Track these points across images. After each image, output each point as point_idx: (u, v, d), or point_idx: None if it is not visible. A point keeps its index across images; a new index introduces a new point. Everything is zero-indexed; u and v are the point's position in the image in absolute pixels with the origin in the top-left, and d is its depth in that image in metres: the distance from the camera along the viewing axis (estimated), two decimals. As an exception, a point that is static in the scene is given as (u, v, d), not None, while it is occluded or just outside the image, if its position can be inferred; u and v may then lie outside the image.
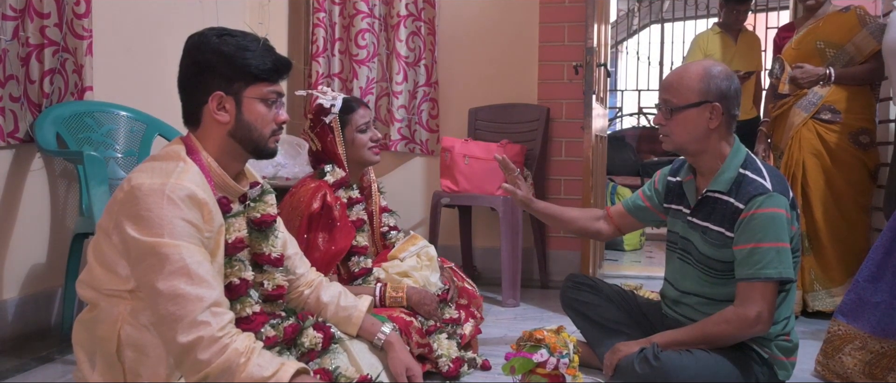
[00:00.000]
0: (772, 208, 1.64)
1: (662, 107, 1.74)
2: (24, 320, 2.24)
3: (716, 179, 1.72)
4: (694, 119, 1.69)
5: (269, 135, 1.40)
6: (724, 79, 1.70)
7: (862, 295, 1.88)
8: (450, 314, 1.99)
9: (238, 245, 1.41)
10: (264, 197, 1.50)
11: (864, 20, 2.63)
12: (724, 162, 1.72)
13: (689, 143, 1.73)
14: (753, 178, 1.68)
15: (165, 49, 2.80)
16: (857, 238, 2.68)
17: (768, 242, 1.63)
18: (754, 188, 1.66)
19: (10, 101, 2.13)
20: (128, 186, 1.25)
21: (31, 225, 2.26)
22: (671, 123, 1.72)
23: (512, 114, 3.30)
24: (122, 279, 1.26)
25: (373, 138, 2.03)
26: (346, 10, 3.38)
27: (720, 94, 1.69)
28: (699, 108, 1.69)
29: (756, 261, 1.63)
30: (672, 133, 1.73)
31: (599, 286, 2.03)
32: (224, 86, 1.34)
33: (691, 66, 1.76)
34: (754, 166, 1.72)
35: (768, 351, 1.73)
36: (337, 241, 1.88)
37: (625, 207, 2.01)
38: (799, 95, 2.72)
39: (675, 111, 1.70)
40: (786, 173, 2.72)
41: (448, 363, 1.87)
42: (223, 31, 1.36)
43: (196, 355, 1.19)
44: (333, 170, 1.96)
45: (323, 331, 1.56)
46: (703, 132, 1.70)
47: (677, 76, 1.74)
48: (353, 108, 2.01)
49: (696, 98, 1.69)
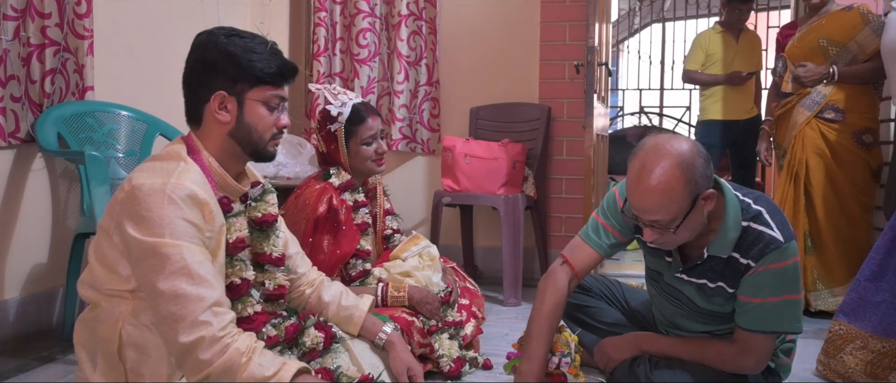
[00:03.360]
0: (787, 261, 1.49)
1: (656, 227, 1.47)
2: (25, 320, 2.24)
3: (718, 244, 1.53)
4: (693, 220, 1.47)
5: (268, 138, 1.39)
6: (697, 155, 1.44)
7: (863, 294, 1.88)
8: (452, 316, 1.98)
9: (239, 245, 1.41)
10: (265, 196, 1.50)
11: (867, 18, 2.62)
12: (722, 223, 1.51)
13: (693, 236, 1.53)
14: (761, 231, 1.49)
15: (166, 49, 2.80)
16: (859, 237, 2.67)
17: (782, 296, 1.50)
18: (765, 244, 1.49)
19: (11, 101, 2.13)
20: (128, 186, 1.25)
21: (32, 225, 2.26)
22: (673, 236, 1.48)
23: (513, 113, 3.30)
24: (122, 279, 1.26)
25: (378, 150, 1.98)
26: (347, 9, 3.38)
27: (705, 177, 1.45)
28: (695, 209, 1.46)
29: (764, 315, 1.52)
30: (676, 241, 1.51)
31: (587, 284, 1.93)
32: (227, 86, 1.34)
33: (658, 169, 1.42)
34: (757, 216, 1.52)
35: (774, 359, 1.68)
36: (342, 245, 1.88)
37: (598, 251, 1.69)
38: (802, 94, 2.71)
39: (677, 229, 1.46)
40: (788, 172, 2.72)
41: (449, 363, 1.87)
42: (232, 32, 1.36)
43: (197, 355, 1.19)
44: (339, 173, 1.94)
45: (324, 331, 1.56)
46: (704, 222, 1.51)
47: (659, 196, 1.42)
48: (362, 119, 1.94)
49: (690, 202, 1.44)
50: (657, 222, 1.46)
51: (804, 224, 2.67)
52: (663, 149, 1.44)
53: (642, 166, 1.44)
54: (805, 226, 2.67)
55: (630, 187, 1.47)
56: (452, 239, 3.31)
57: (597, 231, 1.69)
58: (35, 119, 2.20)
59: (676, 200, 1.42)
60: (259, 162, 1.44)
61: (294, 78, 1.42)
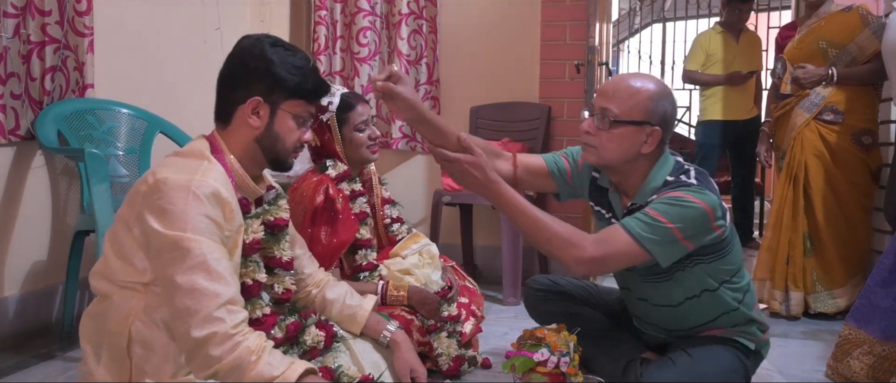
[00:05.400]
0: (692, 196, 1.49)
1: (598, 114, 1.57)
2: (25, 317, 2.24)
3: (640, 193, 1.59)
4: (630, 138, 1.55)
5: (291, 150, 1.43)
6: (671, 104, 1.58)
7: (872, 299, 1.88)
8: (449, 311, 1.98)
9: (255, 246, 1.43)
10: (278, 201, 1.53)
11: (867, 19, 2.62)
12: (648, 175, 1.59)
13: (615, 162, 1.59)
14: (680, 180, 1.56)
15: (167, 47, 2.80)
16: (858, 239, 2.67)
17: (668, 220, 1.47)
18: (675, 184, 1.54)
19: (11, 99, 2.13)
20: (152, 180, 1.27)
21: (32, 222, 2.26)
22: (603, 135, 1.56)
23: (513, 112, 3.30)
24: (138, 271, 1.28)
25: (371, 136, 1.99)
26: (347, 7, 3.38)
27: (663, 120, 1.56)
28: (638, 128, 1.54)
29: (640, 218, 1.49)
30: (601, 146, 1.57)
31: (564, 288, 1.93)
32: (264, 93, 1.37)
33: (642, 79, 1.59)
34: (684, 171, 1.58)
35: (752, 337, 1.69)
36: (339, 234, 1.88)
37: (546, 164, 1.75)
38: (801, 96, 2.71)
39: (613, 124, 1.54)
40: (788, 174, 2.72)
41: (448, 361, 1.87)
42: (278, 41, 1.40)
43: (208, 350, 1.20)
44: (335, 164, 1.95)
45: (325, 330, 1.57)
46: (634, 154, 1.57)
47: (626, 87, 1.57)
48: (351, 106, 1.96)
49: (640, 116, 1.54)
50: (606, 111, 1.56)
51: (803, 225, 2.67)
52: (653, 77, 1.64)
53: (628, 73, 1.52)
54: (804, 227, 2.67)
55: (606, 82, 1.62)
56: (452, 238, 3.31)
57: (554, 154, 1.79)
58: (35, 116, 2.20)
59: (635, 103, 1.54)
60: (275, 170, 1.47)
61: (324, 97, 1.47)
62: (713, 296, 1.64)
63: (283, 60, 1.37)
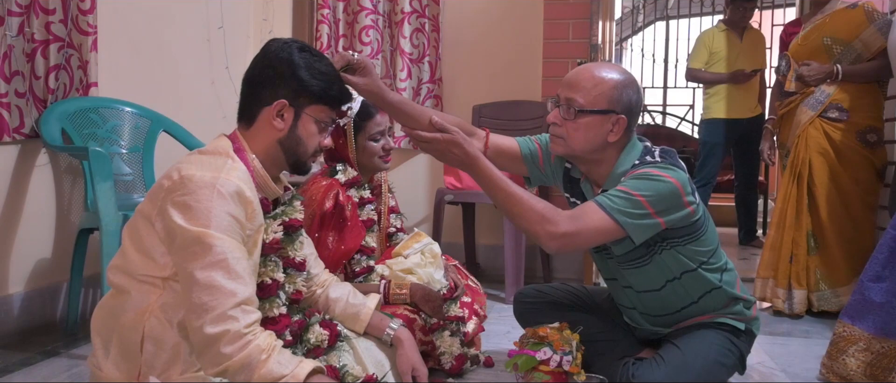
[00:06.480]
0: (660, 171, 1.51)
1: (563, 105, 1.59)
2: (29, 314, 2.25)
3: (609, 179, 1.62)
4: (596, 127, 1.57)
5: (311, 154, 1.46)
6: (636, 92, 1.60)
7: (866, 295, 1.87)
8: (454, 312, 1.99)
9: (274, 245, 1.45)
10: (294, 202, 1.54)
11: (872, 16, 2.61)
12: (616, 162, 1.61)
13: (583, 152, 1.61)
14: (646, 160, 1.58)
15: (170, 45, 2.80)
16: (863, 237, 2.66)
17: (638, 192, 1.49)
18: (646, 164, 1.56)
19: (15, 97, 2.13)
20: (177, 176, 1.28)
21: (36, 220, 2.27)
22: (570, 125, 1.58)
23: (516, 110, 3.30)
24: (158, 266, 1.29)
25: (385, 147, 1.99)
26: (350, 6, 3.38)
27: (628, 108, 1.58)
28: (604, 117, 1.57)
29: (612, 195, 1.51)
30: (568, 136, 1.59)
31: (552, 297, 1.93)
32: (290, 96, 1.39)
33: (605, 69, 1.62)
34: (650, 153, 1.60)
35: (739, 316, 1.70)
36: (346, 241, 1.88)
37: (520, 147, 1.77)
38: (806, 93, 2.70)
39: (579, 114, 1.57)
40: (792, 172, 2.70)
41: (451, 360, 1.88)
42: (305, 46, 1.42)
43: (219, 348, 1.21)
44: (346, 169, 1.95)
45: (329, 329, 1.57)
46: (601, 143, 1.59)
47: (589, 76, 1.59)
48: (370, 115, 1.95)
49: (605, 105, 1.56)
50: (571, 101, 1.58)
51: (808, 224, 2.66)
52: (617, 66, 1.64)
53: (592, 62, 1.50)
54: (808, 225, 2.66)
55: (570, 72, 1.63)
56: (454, 236, 3.31)
57: (527, 138, 1.81)
58: (39, 115, 2.21)
59: (599, 92, 1.56)
60: (294, 173, 1.50)
61: (345, 104, 1.49)
62: (693, 276, 1.65)
63: (310, 65, 1.39)
